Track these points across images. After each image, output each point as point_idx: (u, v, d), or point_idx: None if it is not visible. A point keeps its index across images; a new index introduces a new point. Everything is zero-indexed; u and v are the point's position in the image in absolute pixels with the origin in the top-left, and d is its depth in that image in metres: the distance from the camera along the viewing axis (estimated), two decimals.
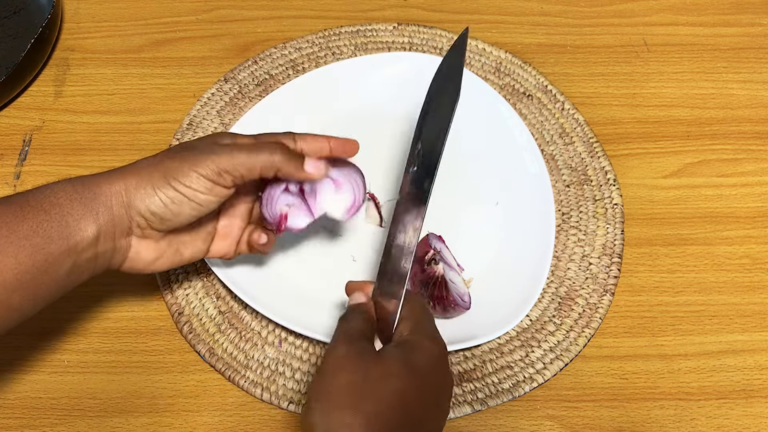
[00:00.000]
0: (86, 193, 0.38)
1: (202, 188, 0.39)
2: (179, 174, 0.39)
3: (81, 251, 0.37)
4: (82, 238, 0.37)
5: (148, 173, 0.39)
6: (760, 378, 0.50)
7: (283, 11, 0.71)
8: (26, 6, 0.69)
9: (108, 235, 0.39)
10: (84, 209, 0.38)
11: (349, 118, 0.62)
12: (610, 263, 0.55)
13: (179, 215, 0.40)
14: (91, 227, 0.38)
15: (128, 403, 0.49)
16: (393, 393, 0.35)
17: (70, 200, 0.37)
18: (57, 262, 0.37)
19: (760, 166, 0.61)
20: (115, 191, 0.39)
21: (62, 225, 0.37)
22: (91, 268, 0.39)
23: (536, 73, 0.65)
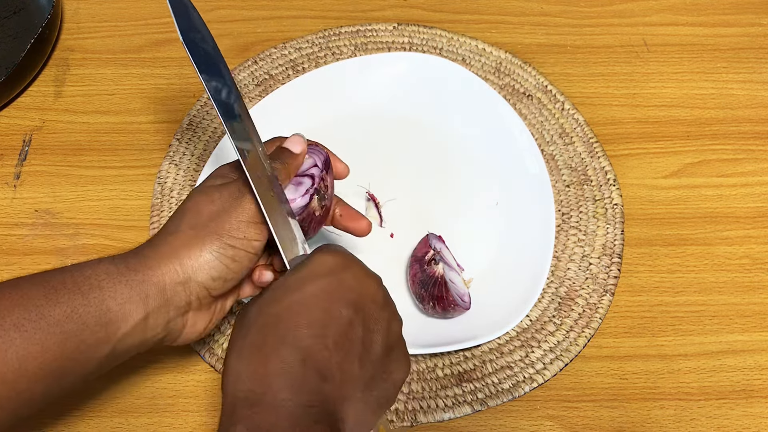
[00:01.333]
0: (132, 276, 0.35)
1: (254, 234, 0.37)
2: (230, 228, 0.36)
3: (122, 338, 0.34)
4: (125, 324, 0.34)
5: (198, 239, 0.36)
6: (760, 378, 0.50)
7: (283, 11, 0.71)
8: (26, 6, 0.69)
9: (159, 318, 0.36)
10: (130, 292, 0.34)
11: (349, 118, 0.62)
12: (610, 263, 0.55)
13: (240, 272, 0.37)
14: (138, 312, 0.34)
15: (128, 403, 0.49)
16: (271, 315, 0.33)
17: (113, 283, 0.34)
18: (91, 350, 0.33)
19: (760, 166, 0.61)
20: (168, 269, 0.35)
21: (101, 310, 0.33)
22: (134, 350, 0.36)
23: (536, 73, 0.65)
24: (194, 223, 0.37)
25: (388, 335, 0.35)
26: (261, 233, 0.37)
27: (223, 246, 0.36)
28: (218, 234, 0.36)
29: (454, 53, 0.67)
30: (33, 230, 0.57)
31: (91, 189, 0.59)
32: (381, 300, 0.35)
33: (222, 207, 0.37)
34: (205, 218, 0.37)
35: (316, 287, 0.33)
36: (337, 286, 0.34)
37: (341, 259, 0.35)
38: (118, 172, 0.60)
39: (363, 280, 0.35)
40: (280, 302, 0.33)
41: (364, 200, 0.57)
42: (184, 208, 0.38)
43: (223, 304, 0.41)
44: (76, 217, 0.57)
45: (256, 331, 0.33)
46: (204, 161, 0.60)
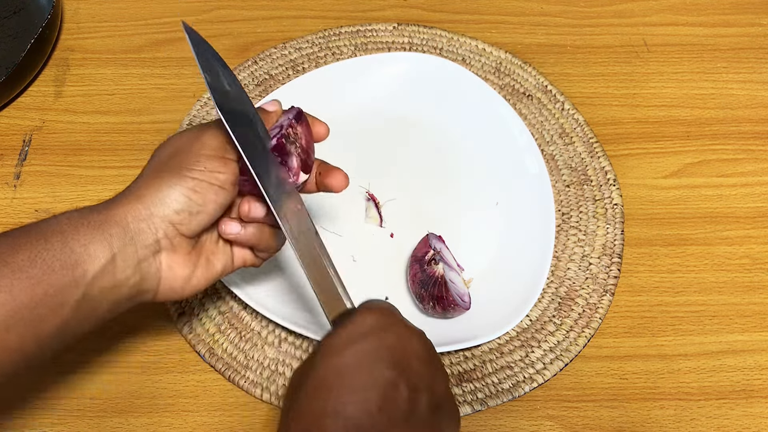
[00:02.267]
0: (94, 217, 0.35)
1: (216, 167, 0.37)
2: (189, 162, 0.36)
3: (92, 280, 0.34)
4: (92, 266, 0.34)
5: (157, 178, 0.36)
6: (760, 378, 0.50)
7: (283, 11, 0.71)
8: (26, 6, 0.69)
9: (128, 258, 0.35)
10: (92, 233, 0.34)
11: (349, 118, 0.62)
12: (610, 263, 0.55)
13: (205, 204, 0.37)
14: (103, 252, 0.34)
15: (128, 403, 0.49)
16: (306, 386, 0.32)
17: (75, 226, 0.34)
18: (60, 294, 0.33)
19: (760, 166, 0.61)
20: (129, 208, 0.36)
21: (65, 252, 0.33)
22: (111, 299, 0.35)
23: (536, 73, 0.65)
24: (155, 165, 0.37)
25: (435, 392, 0.34)
26: (224, 166, 0.37)
27: (182, 178, 0.36)
28: (177, 168, 0.36)
29: (454, 53, 0.67)
30: None
31: (91, 189, 0.59)
32: (425, 356, 0.34)
33: (182, 145, 0.38)
34: (165, 158, 0.37)
35: (357, 350, 0.33)
36: (378, 347, 0.33)
37: (382, 318, 0.34)
38: (118, 172, 0.60)
39: (405, 338, 0.34)
40: (322, 368, 0.33)
41: (364, 200, 0.57)
42: (150, 158, 0.39)
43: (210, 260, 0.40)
44: None
45: (303, 396, 0.32)
46: None
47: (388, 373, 0.32)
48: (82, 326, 0.35)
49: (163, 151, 0.39)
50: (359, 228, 0.56)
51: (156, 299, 0.38)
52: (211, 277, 0.40)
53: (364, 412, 0.31)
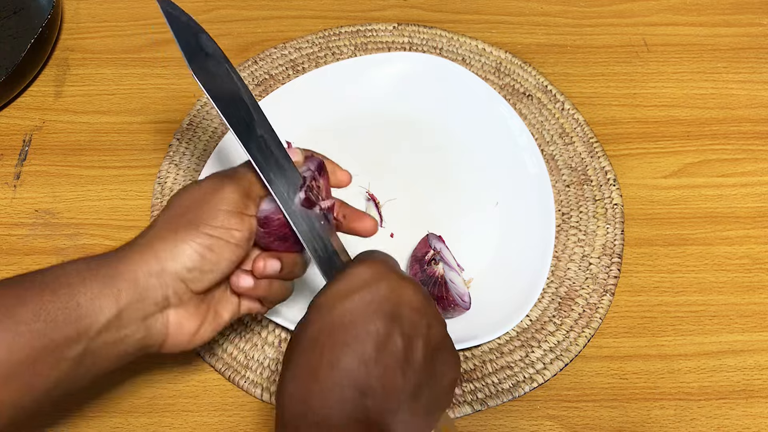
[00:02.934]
0: (103, 270, 0.34)
1: (234, 224, 0.36)
2: (206, 218, 0.35)
3: (96, 335, 0.33)
4: (96, 321, 0.33)
5: (172, 232, 0.35)
6: (760, 378, 0.50)
7: (283, 11, 0.71)
8: (26, 6, 0.69)
9: (134, 313, 0.34)
10: (100, 287, 0.33)
11: (349, 118, 0.62)
12: (610, 263, 0.55)
13: (219, 263, 0.36)
14: (109, 307, 0.33)
15: (128, 403, 0.49)
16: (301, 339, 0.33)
17: (83, 279, 0.33)
18: (61, 349, 0.32)
19: (760, 166, 0.61)
20: (141, 263, 0.34)
21: (70, 306, 0.32)
22: (114, 353, 0.34)
23: (536, 73, 0.65)
24: (171, 217, 0.36)
25: (430, 340, 0.34)
26: (242, 223, 0.36)
27: (198, 234, 0.35)
28: (194, 223, 0.35)
29: (454, 53, 0.67)
30: (33, 230, 0.57)
31: (91, 189, 0.59)
32: (418, 305, 0.34)
33: (200, 197, 0.37)
34: (182, 210, 0.36)
35: (350, 304, 0.33)
36: (371, 300, 0.33)
37: (374, 270, 0.34)
38: (118, 172, 0.60)
39: (398, 289, 0.34)
40: (316, 322, 0.33)
41: (364, 200, 0.57)
42: (165, 206, 0.38)
43: (217, 311, 0.39)
44: (76, 217, 0.57)
45: (298, 353, 0.32)
46: (204, 161, 0.60)
47: (381, 324, 0.32)
48: (83, 379, 0.34)
49: (180, 201, 0.38)
50: None
51: (162, 351, 0.37)
52: (218, 327, 0.39)
53: (360, 364, 0.31)
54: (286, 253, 0.40)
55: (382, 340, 0.32)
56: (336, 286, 0.34)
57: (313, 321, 0.33)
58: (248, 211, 0.37)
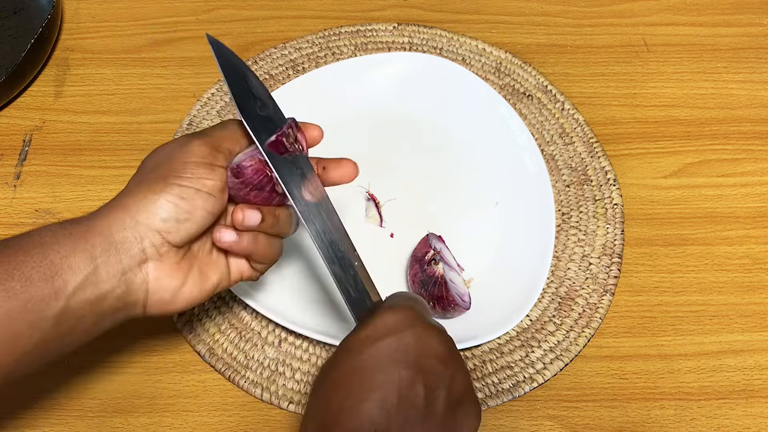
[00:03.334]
0: (76, 228, 0.34)
1: (204, 173, 0.36)
2: (175, 170, 0.36)
3: (74, 292, 0.33)
4: (73, 277, 0.33)
5: (144, 187, 0.35)
6: (760, 378, 0.50)
7: (283, 11, 0.71)
8: (26, 6, 0.69)
9: (111, 268, 0.34)
10: (74, 243, 0.33)
11: (349, 118, 0.62)
12: (610, 263, 0.55)
13: (193, 212, 0.36)
14: (84, 263, 0.33)
15: (128, 403, 0.49)
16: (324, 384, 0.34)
17: (56, 237, 0.33)
18: (39, 307, 0.32)
19: (760, 166, 0.61)
20: (113, 217, 0.35)
21: (44, 264, 0.32)
22: (96, 312, 0.34)
23: (536, 73, 0.65)
24: (141, 176, 0.37)
25: (453, 391, 0.34)
26: (212, 172, 0.36)
27: (169, 185, 0.35)
28: (163, 177, 0.35)
29: (454, 53, 0.67)
30: None
31: (91, 189, 0.59)
32: (444, 355, 0.34)
33: (168, 153, 0.37)
34: (151, 167, 0.37)
35: (376, 350, 0.33)
36: (397, 348, 0.33)
37: (402, 317, 0.34)
38: (118, 172, 0.60)
39: (424, 337, 0.34)
40: (342, 366, 0.33)
41: (364, 200, 0.57)
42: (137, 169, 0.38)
43: (203, 272, 0.38)
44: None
45: (322, 393, 0.33)
46: None
47: (405, 373, 0.32)
48: (65, 341, 0.34)
49: (149, 160, 0.38)
50: (359, 228, 0.56)
51: (147, 313, 0.37)
52: (205, 290, 0.39)
53: (381, 411, 0.32)
54: (266, 206, 0.39)
55: (405, 388, 0.32)
56: (365, 331, 0.34)
57: (340, 363, 0.34)
58: (217, 162, 0.37)
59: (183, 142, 0.37)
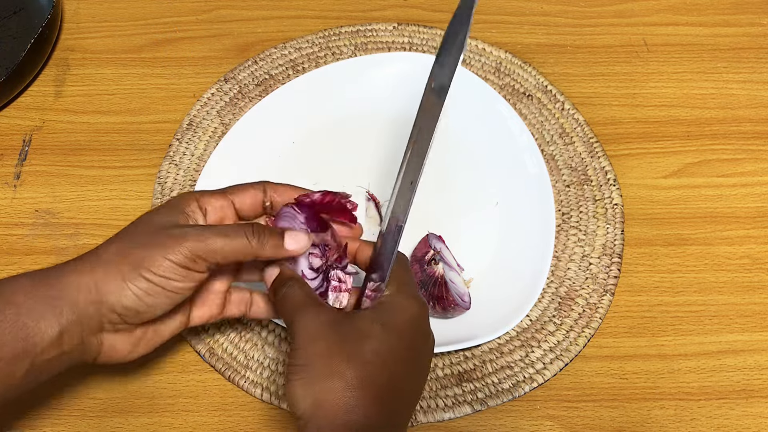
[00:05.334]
0: (48, 291, 0.36)
1: (176, 276, 0.36)
2: (151, 263, 0.36)
3: (40, 353, 0.35)
4: (42, 340, 0.35)
5: (117, 265, 0.36)
6: (760, 378, 0.50)
7: (283, 11, 0.71)
8: (26, 6, 0.69)
9: (74, 333, 0.36)
10: (44, 308, 0.35)
11: (349, 118, 0.62)
12: (610, 263, 0.55)
13: (154, 307, 0.37)
14: (53, 328, 0.35)
15: (128, 403, 0.49)
16: (372, 353, 0.35)
17: (29, 298, 0.35)
18: (10, 366, 0.34)
19: (760, 166, 0.61)
20: (82, 287, 0.36)
21: (17, 327, 0.34)
22: (56, 365, 0.37)
23: (536, 73, 0.65)
24: (123, 246, 0.37)
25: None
26: (187, 277, 0.37)
27: (138, 278, 0.36)
28: (137, 264, 0.36)
29: None
30: (33, 230, 0.57)
31: (91, 189, 0.59)
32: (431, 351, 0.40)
33: (161, 236, 0.37)
34: (134, 243, 0.37)
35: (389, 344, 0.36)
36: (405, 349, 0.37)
37: (419, 309, 0.38)
38: (118, 172, 0.60)
39: (427, 335, 0.39)
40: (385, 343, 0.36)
41: (364, 200, 0.57)
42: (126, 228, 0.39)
43: (156, 330, 0.40)
44: (76, 217, 0.57)
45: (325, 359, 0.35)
46: (204, 161, 0.60)
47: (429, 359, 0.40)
48: (26, 388, 0.36)
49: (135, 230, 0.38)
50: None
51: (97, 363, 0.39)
52: (155, 344, 0.40)
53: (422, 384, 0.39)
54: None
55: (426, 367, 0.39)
56: (404, 316, 0.37)
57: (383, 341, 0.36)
58: (196, 267, 0.37)
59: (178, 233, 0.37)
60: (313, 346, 0.35)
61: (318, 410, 0.34)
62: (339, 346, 0.35)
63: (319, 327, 0.36)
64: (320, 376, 0.34)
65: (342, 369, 0.34)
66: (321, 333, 0.35)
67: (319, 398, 0.34)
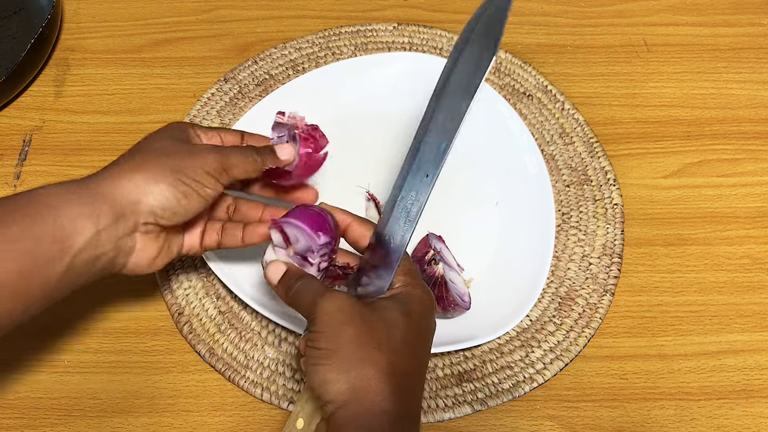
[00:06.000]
0: (85, 194, 0.37)
1: (208, 182, 0.41)
2: (189, 171, 0.40)
3: (77, 252, 0.36)
4: (78, 240, 0.36)
5: (157, 171, 0.39)
6: (760, 378, 0.50)
7: (283, 11, 0.71)
8: (26, 6, 0.69)
9: (110, 235, 0.38)
10: (81, 209, 0.37)
11: (349, 118, 0.62)
12: (610, 263, 0.55)
13: (188, 208, 0.40)
14: (89, 227, 0.37)
15: (128, 403, 0.49)
16: (400, 342, 0.36)
17: (66, 201, 0.37)
18: (48, 265, 0.35)
19: (760, 166, 0.61)
20: (123, 190, 0.38)
21: (56, 227, 0.36)
22: (89, 270, 0.38)
23: (536, 73, 0.65)
24: (153, 156, 0.40)
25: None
26: (215, 185, 0.41)
27: (177, 182, 0.39)
28: (176, 171, 0.39)
29: None
30: None
31: None
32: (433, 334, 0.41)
33: (184, 152, 0.41)
34: (163, 154, 0.40)
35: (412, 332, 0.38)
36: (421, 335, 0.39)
37: (430, 298, 0.40)
38: None
39: (433, 320, 0.41)
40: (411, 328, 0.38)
41: (364, 200, 0.57)
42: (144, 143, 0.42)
43: (169, 246, 0.43)
44: None
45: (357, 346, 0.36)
46: None
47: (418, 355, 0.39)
48: (63, 293, 0.38)
49: (157, 142, 0.41)
50: None
51: (122, 273, 0.41)
52: (168, 259, 0.43)
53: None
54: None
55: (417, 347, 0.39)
56: (420, 307, 0.39)
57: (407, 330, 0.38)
58: (221, 179, 0.41)
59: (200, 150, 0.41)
60: (343, 332, 0.36)
61: (354, 396, 0.34)
62: (369, 334, 0.36)
63: (345, 313, 0.36)
64: (354, 362, 0.35)
65: (375, 356, 0.35)
66: (348, 319, 0.36)
67: (356, 385, 0.34)
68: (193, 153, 0.41)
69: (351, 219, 0.43)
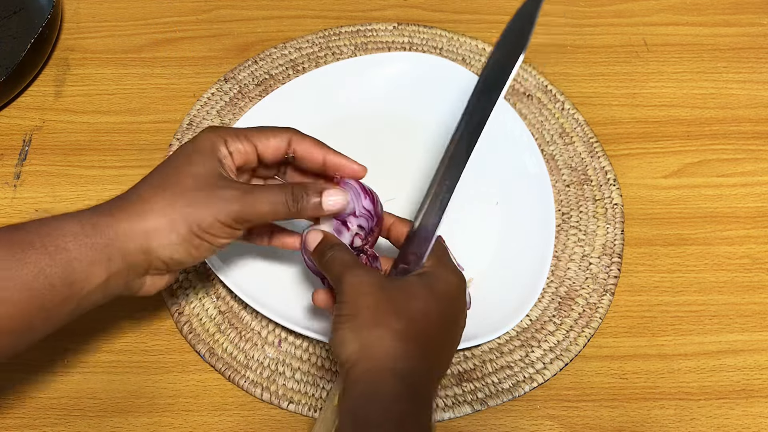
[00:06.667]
0: (98, 238, 0.37)
1: (223, 234, 0.39)
2: (201, 221, 0.38)
3: (86, 295, 0.37)
4: (89, 285, 0.36)
5: (167, 217, 0.38)
6: (760, 378, 0.50)
7: (283, 11, 0.71)
8: (26, 6, 0.69)
9: (120, 277, 0.38)
10: (94, 254, 0.36)
11: (349, 119, 0.62)
12: (610, 263, 0.55)
13: (198, 258, 0.40)
14: (100, 273, 0.37)
15: (128, 403, 0.49)
16: (417, 312, 0.37)
17: (79, 245, 0.36)
18: (57, 307, 0.36)
19: (760, 166, 0.61)
20: (133, 236, 0.37)
21: (67, 271, 0.35)
22: (95, 305, 0.39)
23: (536, 73, 0.65)
24: (179, 190, 0.38)
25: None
26: (232, 233, 0.40)
27: (190, 234, 0.38)
28: (189, 220, 0.38)
29: (454, 53, 0.67)
30: None
31: (91, 189, 0.59)
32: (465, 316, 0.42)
33: (209, 192, 0.39)
34: (186, 190, 0.38)
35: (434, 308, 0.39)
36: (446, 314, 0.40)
37: (460, 281, 0.41)
38: (118, 172, 0.60)
39: (464, 303, 0.42)
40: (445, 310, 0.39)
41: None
42: (179, 162, 0.40)
43: (173, 274, 0.43)
44: None
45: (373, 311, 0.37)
46: None
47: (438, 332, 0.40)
48: (65, 323, 0.38)
49: (186, 167, 0.39)
50: None
51: (130, 296, 0.41)
52: (170, 282, 0.43)
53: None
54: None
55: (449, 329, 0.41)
56: (446, 285, 0.40)
57: (429, 302, 0.39)
58: (239, 227, 0.40)
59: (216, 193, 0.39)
60: (363, 299, 0.37)
61: (365, 353, 0.36)
62: (387, 303, 0.37)
63: (368, 284, 0.38)
64: (368, 324, 0.36)
65: (390, 321, 0.36)
66: (369, 289, 0.38)
67: (366, 343, 0.36)
68: (214, 197, 0.38)
69: (393, 219, 0.45)
